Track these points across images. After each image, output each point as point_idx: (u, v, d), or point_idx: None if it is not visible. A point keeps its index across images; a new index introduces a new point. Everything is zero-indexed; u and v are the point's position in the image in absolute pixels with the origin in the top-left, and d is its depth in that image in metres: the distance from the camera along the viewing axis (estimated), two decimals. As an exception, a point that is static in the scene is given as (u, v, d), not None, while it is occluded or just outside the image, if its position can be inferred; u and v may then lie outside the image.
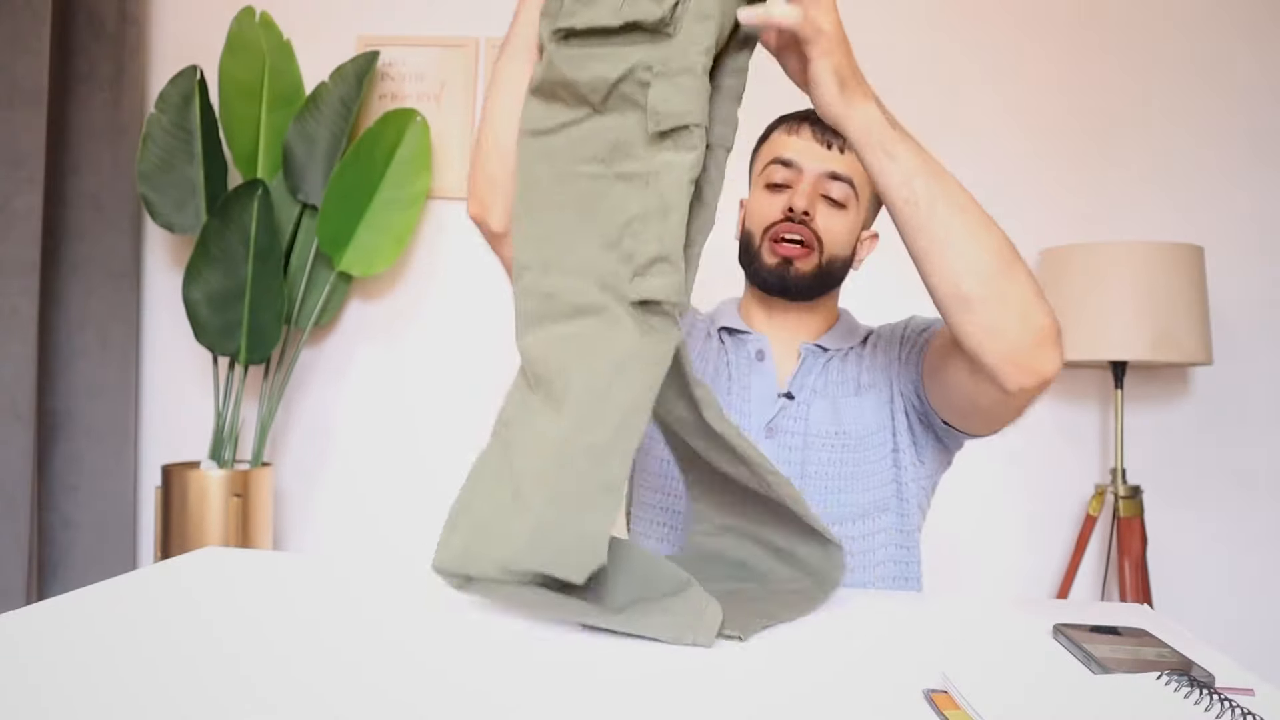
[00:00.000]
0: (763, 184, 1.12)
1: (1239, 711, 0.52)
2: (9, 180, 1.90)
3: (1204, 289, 1.86)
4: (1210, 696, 0.54)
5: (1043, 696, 0.56)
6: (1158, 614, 0.83)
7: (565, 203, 0.77)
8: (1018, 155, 2.14)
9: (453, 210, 2.27)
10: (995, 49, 2.15)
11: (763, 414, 1.10)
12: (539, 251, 0.78)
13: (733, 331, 1.17)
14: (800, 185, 1.08)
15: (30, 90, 1.92)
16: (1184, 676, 0.57)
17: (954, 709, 0.56)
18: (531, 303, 0.77)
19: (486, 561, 0.70)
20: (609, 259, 0.74)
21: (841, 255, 1.11)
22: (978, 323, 0.83)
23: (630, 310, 0.73)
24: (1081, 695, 0.56)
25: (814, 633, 0.75)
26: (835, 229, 1.09)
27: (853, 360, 1.13)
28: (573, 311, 0.75)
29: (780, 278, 1.09)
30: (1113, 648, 0.67)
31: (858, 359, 1.13)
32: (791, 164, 1.08)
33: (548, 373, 0.74)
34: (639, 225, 0.73)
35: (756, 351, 1.14)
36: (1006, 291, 0.82)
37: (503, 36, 2.22)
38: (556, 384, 0.72)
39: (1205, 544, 2.07)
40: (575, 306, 0.75)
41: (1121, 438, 1.92)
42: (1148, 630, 0.73)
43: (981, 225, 0.82)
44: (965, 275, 0.81)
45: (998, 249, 0.82)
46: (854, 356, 1.13)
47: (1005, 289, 0.82)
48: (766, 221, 1.09)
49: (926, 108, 2.15)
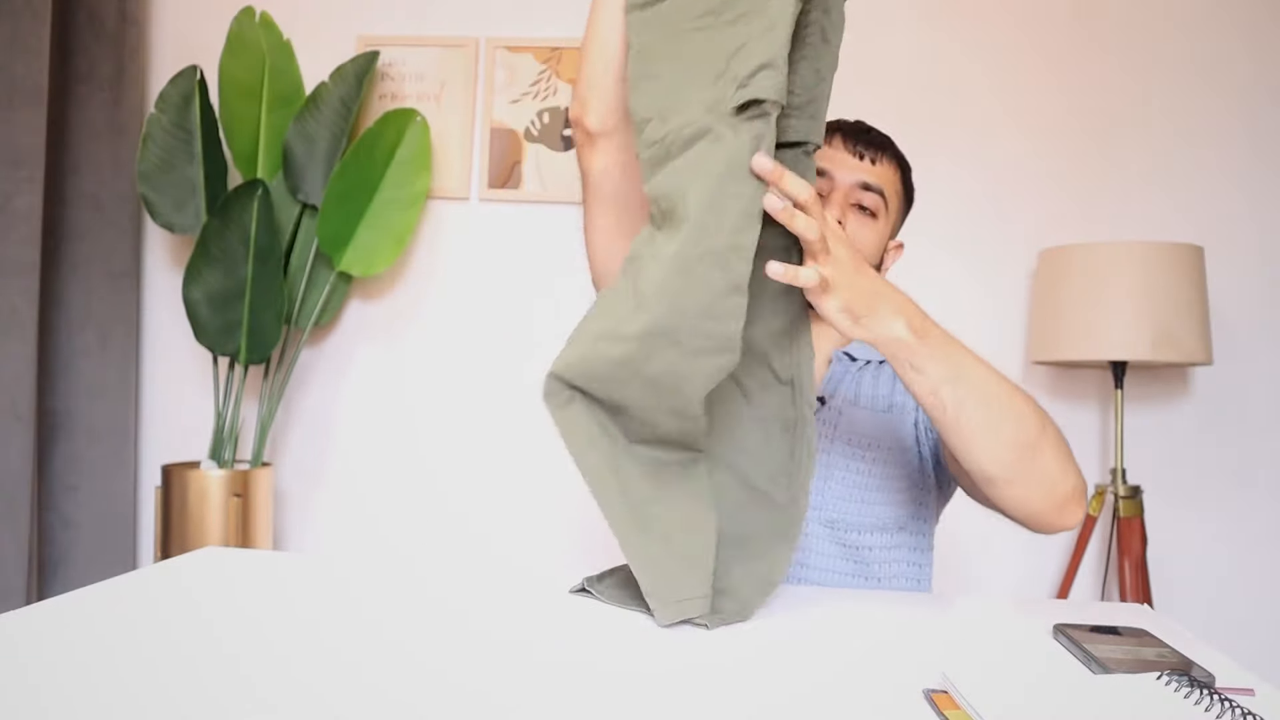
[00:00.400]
0: None
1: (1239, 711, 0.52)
2: (9, 180, 1.90)
3: (1204, 289, 1.86)
4: (1210, 696, 0.54)
5: (1043, 696, 0.56)
6: (1158, 614, 0.83)
7: (680, 54, 0.79)
8: (1018, 155, 2.14)
9: (453, 210, 2.27)
10: (995, 49, 2.15)
11: None
12: (655, 103, 0.80)
13: None
14: (833, 195, 1.09)
15: (30, 90, 1.92)
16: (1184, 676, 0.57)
17: (954, 709, 0.56)
18: (652, 150, 0.79)
19: (599, 361, 0.73)
20: (717, 87, 0.76)
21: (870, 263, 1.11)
22: (1003, 496, 0.86)
23: (732, 121, 0.74)
24: (1081, 695, 0.56)
25: (814, 632, 0.75)
26: (865, 239, 1.10)
27: (886, 377, 1.14)
28: (686, 142, 0.76)
29: None
30: (1113, 648, 0.67)
31: (892, 377, 1.14)
32: (824, 173, 1.10)
33: (669, 204, 0.75)
34: (745, 50, 0.74)
35: None
36: (1031, 473, 0.84)
37: (503, 36, 2.23)
38: (676, 209, 0.74)
39: (1205, 544, 2.07)
40: (688, 138, 0.76)
41: (1121, 438, 1.92)
42: (1148, 630, 0.73)
43: (1008, 417, 0.83)
44: (991, 464, 0.83)
45: (1023, 439, 0.83)
46: (887, 372, 1.14)
47: (1029, 471, 0.84)
48: None
49: (927, 108, 2.15)
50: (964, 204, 2.15)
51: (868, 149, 1.11)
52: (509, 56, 2.23)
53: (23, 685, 0.57)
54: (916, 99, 2.16)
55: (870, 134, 1.13)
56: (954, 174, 2.15)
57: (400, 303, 2.28)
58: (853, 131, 1.13)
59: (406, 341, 2.28)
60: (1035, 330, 1.98)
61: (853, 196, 1.10)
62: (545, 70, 2.22)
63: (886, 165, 1.12)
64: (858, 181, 1.09)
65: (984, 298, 2.14)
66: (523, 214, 2.25)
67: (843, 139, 1.12)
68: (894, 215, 1.14)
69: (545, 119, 2.22)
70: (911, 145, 2.16)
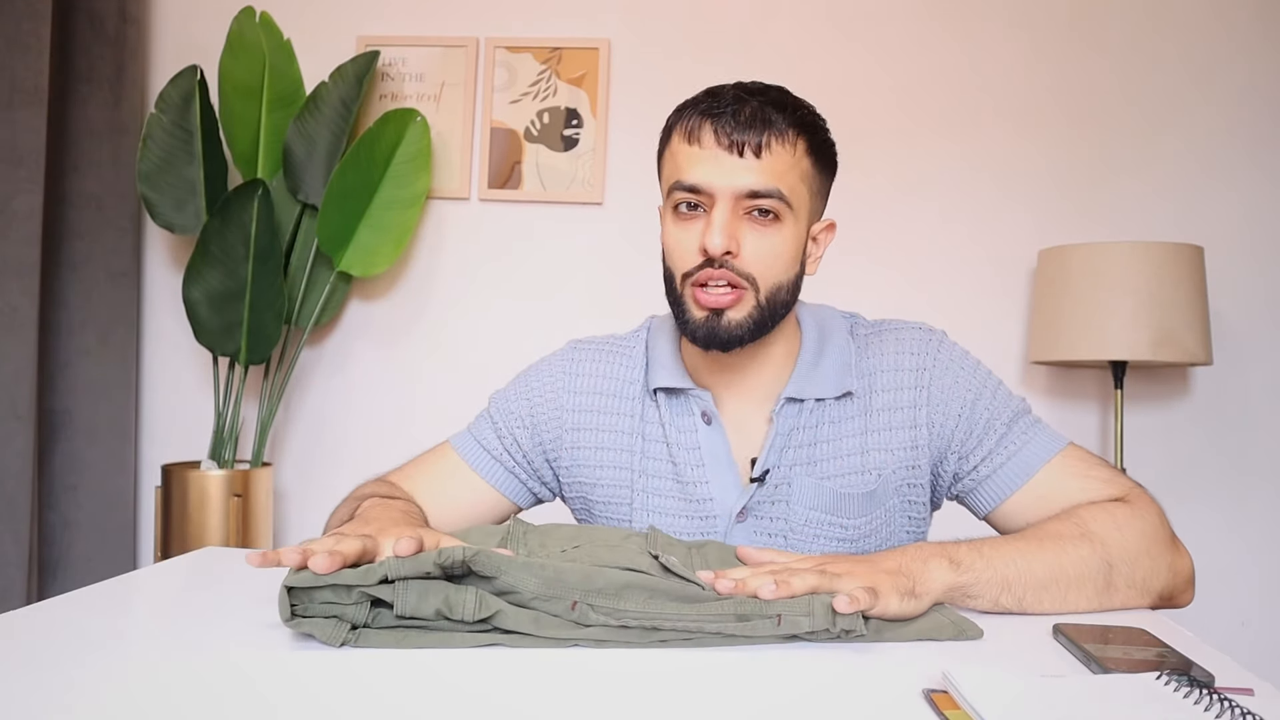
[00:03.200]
0: (670, 209, 0.91)
1: (1239, 711, 0.52)
2: (9, 180, 1.90)
3: (1204, 289, 1.86)
4: (1210, 696, 0.54)
5: (1043, 696, 0.56)
6: (1158, 614, 0.83)
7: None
8: (1018, 155, 2.14)
9: (452, 210, 2.27)
10: (995, 50, 2.15)
11: (726, 498, 0.95)
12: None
13: (671, 392, 0.98)
14: (714, 214, 0.87)
15: (30, 90, 1.92)
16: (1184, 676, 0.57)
17: (954, 709, 0.56)
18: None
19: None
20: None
21: (785, 280, 0.90)
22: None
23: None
24: (1081, 695, 0.56)
25: (814, 633, 0.75)
26: (770, 254, 0.88)
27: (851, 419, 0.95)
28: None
29: (710, 331, 0.89)
30: (1112, 648, 0.67)
31: (861, 414, 0.95)
32: (697, 189, 0.87)
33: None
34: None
35: (702, 413, 0.96)
36: (1114, 602, 0.82)
37: (503, 36, 2.23)
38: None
39: (1205, 543, 2.07)
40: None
41: (1121, 438, 1.92)
42: (1148, 630, 0.73)
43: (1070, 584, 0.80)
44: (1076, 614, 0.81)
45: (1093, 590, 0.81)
46: (853, 410, 0.95)
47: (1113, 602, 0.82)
48: (684, 265, 0.89)
49: (927, 108, 2.15)
50: (964, 204, 2.15)
51: (748, 136, 0.86)
52: (509, 56, 2.23)
53: (23, 685, 0.57)
54: (916, 99, 2.15)
55: (749, 108, 0.87)
56: (954, 174, 2.15)
57: (400, 303, 2.28)
58: (725, 114, 0.87)
59: (406, 341, 2.28)
60: (1035, 330, 1.98)
61: (740, 208, 0.87)
62: (545, 70, 2.22)
63: (779, 148, 0.87)
64: (741, 191, 0.86)
65: (984, 298, 2.14)
66: (523, 214, 2.25)
67: (713, 129, 0.87)
68: (806, 203, 0.91)
69: (545, 119, 2.22)
70: (911, 145, 2.16)
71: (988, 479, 0.93)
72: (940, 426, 0.94)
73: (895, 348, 0.97)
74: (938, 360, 0.96)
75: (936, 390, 0.94)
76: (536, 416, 1.03)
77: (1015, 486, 0.92)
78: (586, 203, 2.22)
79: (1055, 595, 0.79)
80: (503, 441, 1.04)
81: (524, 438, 1.04)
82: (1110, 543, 0.82)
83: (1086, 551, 0.81)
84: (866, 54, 2.17)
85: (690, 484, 0.96)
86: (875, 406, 0.95)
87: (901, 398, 0.95)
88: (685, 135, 0.89)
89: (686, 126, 0.90)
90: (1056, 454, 0.92)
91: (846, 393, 0.95)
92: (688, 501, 0.96)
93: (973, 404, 0.94)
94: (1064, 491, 0.90)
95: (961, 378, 0.95)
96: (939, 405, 0.94)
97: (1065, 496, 0.89)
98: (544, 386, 1.04)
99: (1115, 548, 0.82)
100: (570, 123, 2.21)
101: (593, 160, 2.20)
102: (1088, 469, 0.92)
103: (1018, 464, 0.92)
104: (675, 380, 0.97)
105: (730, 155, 0.86)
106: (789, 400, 0.94)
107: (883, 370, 0.96)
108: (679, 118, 0.91)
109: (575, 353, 1.05)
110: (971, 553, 0.78)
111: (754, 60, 2.17)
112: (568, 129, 2.22)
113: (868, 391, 0.96)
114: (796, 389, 0.94)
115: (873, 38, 2.17)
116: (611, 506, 1.01)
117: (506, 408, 1.06)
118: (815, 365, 0.96)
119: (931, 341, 0.97)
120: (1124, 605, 0.82)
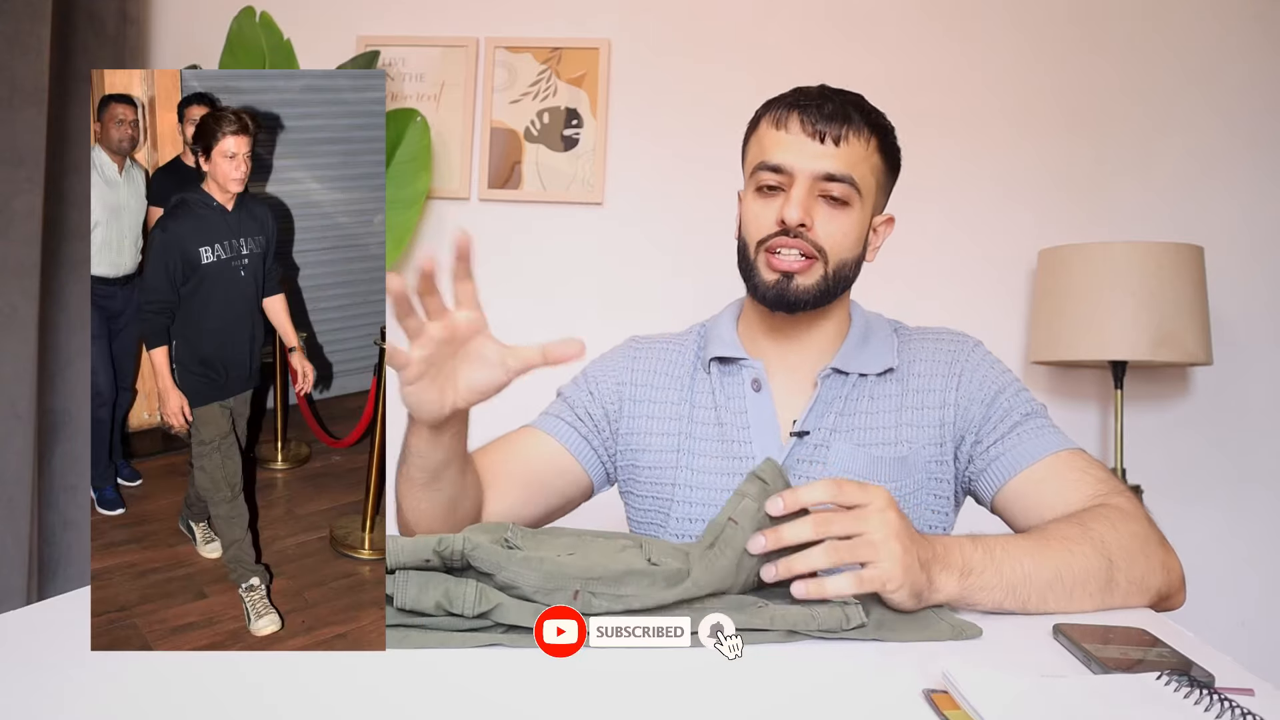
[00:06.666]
0: (753, 187, 1.02)
1: (1239, 711, 0.52)
2: (9, 180, 1.90)
3: (1204, 289, 1.86)
4: (1210, 696, 0.54)
5: (1043, 696, 0.56)
6: (1158, 614, 0.83)
7: None
8: (1018, 155, 2.14)
9: (453, 210, 2.27)
10: (995, 50, 2.15)
11: (767, 453, 1.01)
12: None
13: (725, 360, 1.08)
14: (793, 191, 0.98)
15: (30, 90, 1.92)
16: (1184, 676, 0.57)
17: (954, 709, 0.56)
18: None
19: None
20: None
21: (850, 257, 1.02)
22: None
23: None
24: (1081, 695, 0.56)
25: (814, 633, 0.75)
26: (839, 232, 0.99)
27: (889, 396, 1.03)
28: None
29: (780, 294, 1.00)
30: (1112, 648, 0.67)
31: (898, 393, 1.03)
32: (780, 169, 0.99)
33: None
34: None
35: (752, 381, 1.05)
36: (1114, 600, 0.83)
37: (503, 36, 2.23)
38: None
39: (1205, 544, 2.07)
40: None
41: (1121, 438, 1.92)
42: (1148, 630, 0.73)
43: (1073, 585, 0.81)
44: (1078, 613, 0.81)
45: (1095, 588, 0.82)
46: (891, 389, 1.03)
47: (1114, 601, 0.83)
48: (761, 234, 1.01)
49: (927, 107, 2.15)
50: (964, 204, 2.15)
51: (829, 127, 0.98)
52: (509, 56, 2.23)
53: (23, 685, 0.57)
54: (916, 99, 2.15)
55: (831, 104, 0.99)
56: (954, 174, 2.15)
57: (400, 303, 2.28)
58: (811, 107, 0.99)
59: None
60: (1035, 330, 1.98)
61: (816, 190, 0.98)
62: (545, 70, 2.22)
63: (855, 141, 0.99)
64: (819, 173, 0.98)
65: (984, 298, 2.14)
66: (523, 214, 2.25)
67: (800, 118, 0.99)
68: (873, 194, 1.03)
69: (545, 119, 2.22)
70: (911, 145, 2.14)
71: (995, 461, 0.99)
72: (965, 410, 1.02)
73: (935, 344, 1.07)
74: (971, 357, 1.05)
75: (966, 379, 1.03)
76: (603, 393, 1.12)
77: (1017, 470, 0.97)
78: (586, 203, 2.22)
79: (1059, 595, 0.80)
80: (576, 412, 1.12)
81: (595, 409, 1.12)
82: (1109, 540, 0.84)
83: (1088, 549, 0.83)
84: (866, 54, 2.17)
85: (734, 443, 1.04)
86: (911, 388, 1.04)
87: (935, 382, 1.03)
88: (774, 122, 1.01)
89: (775, 115, 1.01)
90: (1062, 450, 0.97)
91: (888, 369, 1.04)
92: (730, 460, 1.03)
93: (995, 395, 1.02)
94: (1060, 481, 0.94)
95: (991, 374, 1.04)
96: (967, 391, 1.02)
97: (1061, 485, 0.94)
98: (609, 369, 1.15)
99: (1114, 545, 0.84)
100: (570, 123, 2.21)
101: (593, 160, 2.20)
102: (1087, 467, 0.96)
103: (1022, 451, 0.98)
104: (731, 350, 1.07)
105: (813, 142, 0.98)
106: (835, 371, 1.04)
107: (921, 359, 1.06)
108: (768, 109, 1.03)
109: (633, 344, 1.18)
110: (984, 557, 0.80)
111: (754, 60, 2.17)
112: (568, 129, 2.22)
113: (906, 375, 1.05)
114: (842, 362, 1.04)
115: (873, 37, 2.17)
116: (657, 471, 1.07)
117: (576, 389, 1.14)
118: (861, 346, 1.05)
119: (968, 343, 1.08)
120: (1124, 604, 0.83)
